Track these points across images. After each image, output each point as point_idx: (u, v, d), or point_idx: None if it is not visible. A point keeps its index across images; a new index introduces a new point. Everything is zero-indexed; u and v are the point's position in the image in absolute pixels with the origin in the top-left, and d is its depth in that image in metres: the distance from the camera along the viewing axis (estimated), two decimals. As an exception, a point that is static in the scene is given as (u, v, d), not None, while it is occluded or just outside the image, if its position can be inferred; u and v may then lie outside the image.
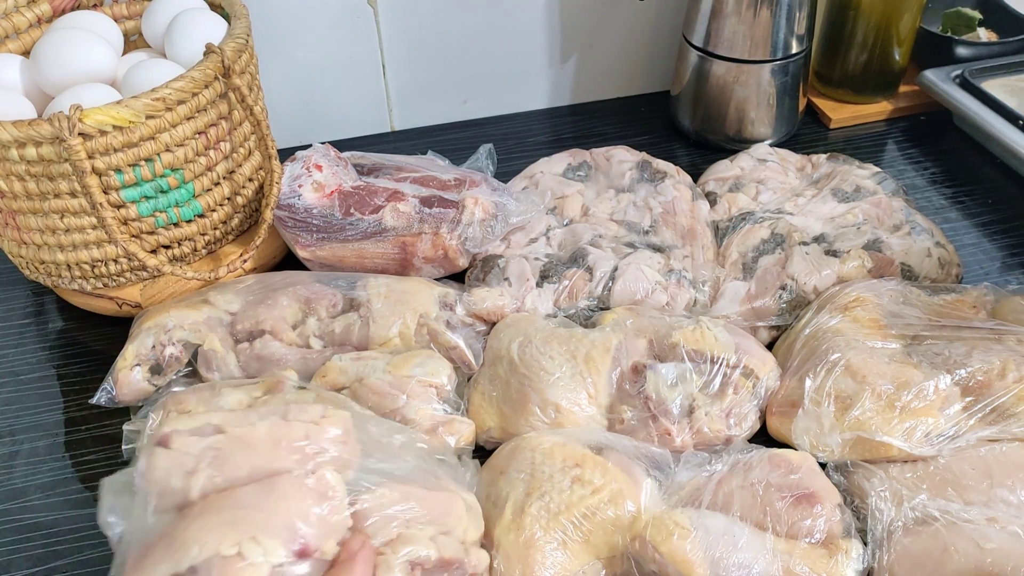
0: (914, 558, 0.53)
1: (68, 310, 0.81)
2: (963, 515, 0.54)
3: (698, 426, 0.62)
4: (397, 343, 0.69)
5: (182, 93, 0.67)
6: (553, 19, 1.00)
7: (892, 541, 0.54)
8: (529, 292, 0.73)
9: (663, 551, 0.52)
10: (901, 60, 0.99)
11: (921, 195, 0.90)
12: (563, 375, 0.64)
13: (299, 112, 0.99)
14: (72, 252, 0.72)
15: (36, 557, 0.61)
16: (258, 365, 0.68)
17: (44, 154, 0.65)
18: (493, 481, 0.59)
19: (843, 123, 1.02)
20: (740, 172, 0.87)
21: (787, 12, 0.88)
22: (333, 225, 0.75)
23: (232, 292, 0.73)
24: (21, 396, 0.73)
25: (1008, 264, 0.81)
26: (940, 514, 0.54)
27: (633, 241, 0.78)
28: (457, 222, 0.75)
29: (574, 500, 0.55)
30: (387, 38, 0.96)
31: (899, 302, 0.68)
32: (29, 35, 0.78)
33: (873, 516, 0.56)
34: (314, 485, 0.46)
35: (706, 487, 0.56)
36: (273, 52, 0.93)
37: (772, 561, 0.52)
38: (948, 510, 0.55)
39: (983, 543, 0.52)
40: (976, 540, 0.52)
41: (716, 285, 0.75)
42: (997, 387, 0.60)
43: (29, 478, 0.67)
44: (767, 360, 0.66)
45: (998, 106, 0.91)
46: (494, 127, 1.04)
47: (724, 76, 0.93)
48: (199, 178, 0.73)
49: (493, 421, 0.65)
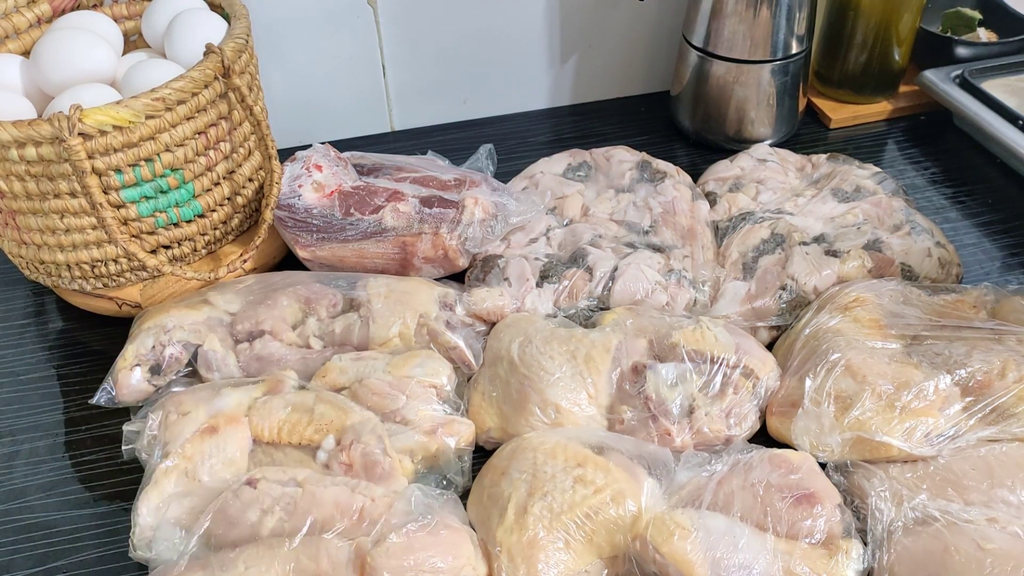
0: (914, 558, 0.53)
1: (68, 310, 0.81)
2: (963, 515, 0.54)
3: (698, 426, 0.62)
4: (397, 343, 0.69)
5: (182, 93, 0.67)
6: (553, 19, 1.00)
7: (892, 541, 0.54)
8: (529, 292, 0.73)
9: (664, 551, 0.52)
10: (901, 60, 0.99)
11: (921, 195, 0.90)
12: (563, 375, 0.64)
13: (299, 112, 0.99)
14: (72, 252, 0.72)
15: (36, 557, 0.61)
16: (258, 365, 0.68)
17: (44, 154, 0.65)
18: (495, 482, 0.59)
19: (843, 123, 1.02)
20: (740, 172, 0.87)
21: (787, 12, 0.88)
22: (333, 225, 0.75)
23: (232, 292, 0.73)
24: (21, 396, 0.73)
25: (1008, 264, 0.81)
26: (940, 514, 0.54)
27: (633, 241, 0.78)
28: (457, 222, 0.75)
29: (576, 500, 0.55)
30: (387, 38, 0.96)
31: (899, 302, 0.68)
32: (29, 35, 0.78)
33: (873, 516, 0.56)
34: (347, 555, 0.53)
35: (706, 487, 0.56)
36: (273, 52, 0.93)
37: (772, 561, 0.52)
38: (948, 510, 0.55)
39: (983, 543, 0.52)
40: (976, 540, 0.52)
41: (716, 285, 0.75)
42: (997, 387, 0.60)
43: (29, 478, 0.67)
44: (767, 360, 0.66)
45: (998, 106, 0.91)
46: (494, 127, 1.04)
47: (724, 76, 0.93)
48: (199, 178, 0.73)
49: (493, 421, 0.65)
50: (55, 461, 0.68)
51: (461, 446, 0.63)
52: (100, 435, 0.70)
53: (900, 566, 0.53)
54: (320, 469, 0.60)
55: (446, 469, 0.62)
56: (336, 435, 0.60)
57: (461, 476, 0.63)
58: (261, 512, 0.55)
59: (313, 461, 0.60)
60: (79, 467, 0.67)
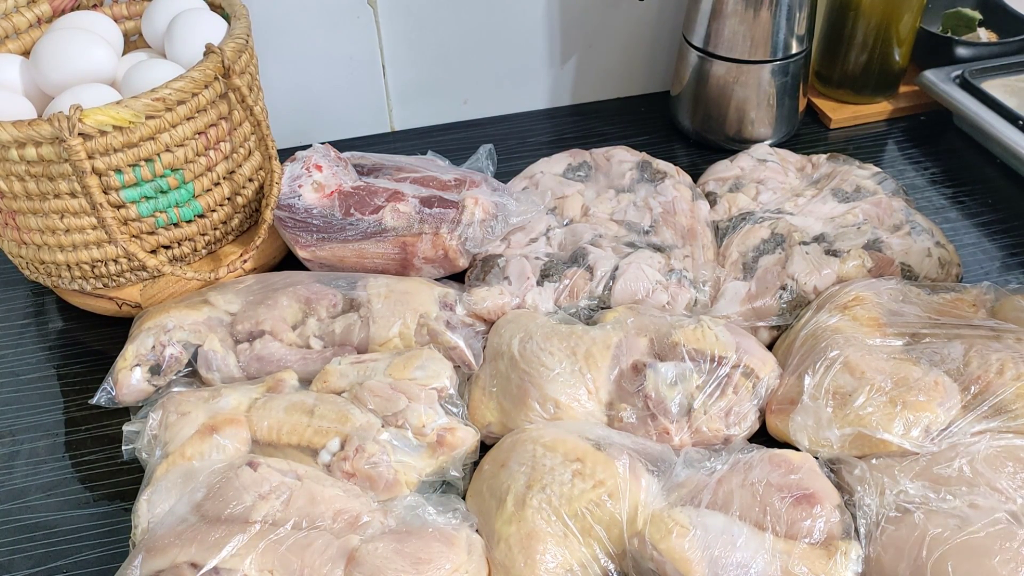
0: (897, 545, 0.53)
1: (68, 310, 0.81)
2: (944, 503, 0.54)
3: (696, 425, 0.62)
4: (397, 343, 0.69)
5: (182, 93, 0.67)
6: (553, 19, 1.00)
7: (879, 532, 0.54)
8: (529, 291, 0.73)
9: (661, 549, 0.52)
10: (901, 60, 0.99)
11: (921, 195, 0.90)
12: (563, 371, 0.64)
13: (299, 112, 0.99)
14: (72, 252, 0.72)
15: (36, 557, 0.61)
16: (258, 365, 0.69)
17: (44, 154, 0.65)
18: (494, 474, 0.59)
19: (843, 123, 1.02)
20: (740, 172, 0.87)
21: (787, 12, 0.88)
22: (333, 225, 0.75)
23: (232, 292, 0.73)
24: (21, 396, 0.73)
25: (1008, 264, 0.81)
26: (920, 502, 0.54)
27: (633, 241, 0.78)
28: (457, 222, 0.75)
29: (575, 494, 0.55)
30: (387, 38, 0.96)
31: (898, 301, 0.68)
32: (29, 35, 0.78)
33: (862, 511, 0.56)
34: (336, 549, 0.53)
35: (706, 486, 0.56)
36: (273, 52, 0.93)
37: (771, 561, 0.52)
38: (928, 497, 0.55)
39: (964, 526, 0.52)
40: (957, 525, 0.52)
41: (716, 285, 0.75)
42: (995, 384, 0.60)
43: (29, 478, 0.67)
44: (767, 360, 0.66)
45: (998, 106, 0.91)
46: (494, 127, 1.04)
47: (724, 76, 0.93)
48: (199, 178, 0.73)
49: (493, 416, 0.65)
50: (55, 461, 0.68)
51: (466, 451, 0.63)
52: (100, 435, 0.70)
53: (886, 554, 0.53)
54: (322, 470, 0.60)
55: (448, 473, 0.62)
56: (339, 438, 0.60)
57: (462, 479, 0.63)
58: (257, 497, 0.55)
59: (314, 462, 0.60)
60: (79, 467, 0.67)
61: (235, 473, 0.56)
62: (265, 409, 0.62)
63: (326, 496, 0.56)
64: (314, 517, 0.54)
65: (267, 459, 0.58)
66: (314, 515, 0.54)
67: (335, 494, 0.56)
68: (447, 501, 0.59)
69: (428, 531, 0.54)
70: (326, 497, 0.55)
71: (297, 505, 0.55)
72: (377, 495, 0.59)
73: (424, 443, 0.62)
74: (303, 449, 0.61)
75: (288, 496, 0.55)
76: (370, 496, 0.58)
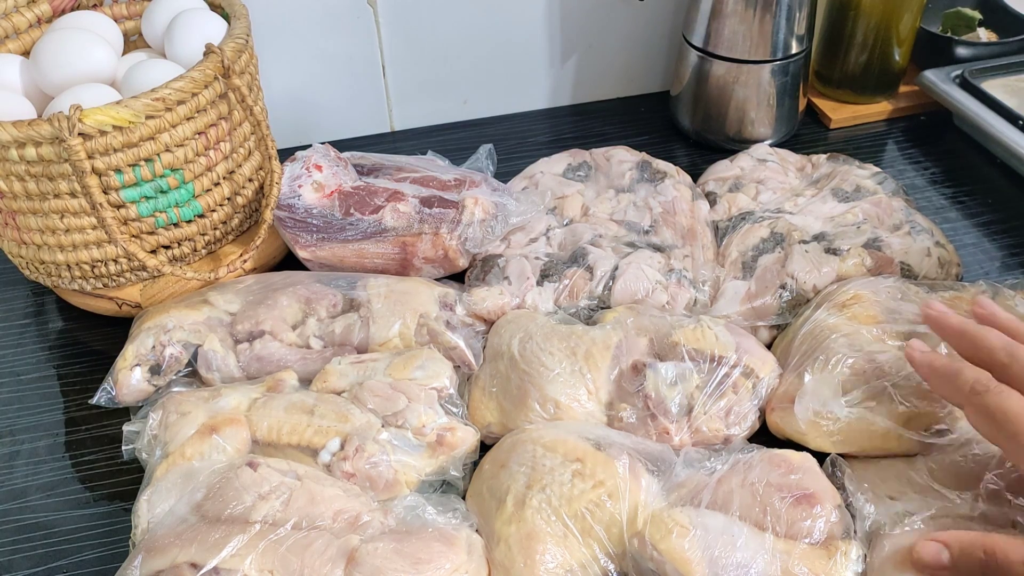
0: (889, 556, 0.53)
1: (68, 310, 0.81)
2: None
3: (696, 425, 0.62)
4: (397, 343, 0.69)
5: (182, 93, 0.67)
6: (553, 19, 1.00)
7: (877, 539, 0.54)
8: (529, 290, 0.73)
9: (661, 549, 0.52)
10: (901, 60, 0.99)
11: (921, 195, 0.90)
12: (563, 371, 0.64)
13: (299, 112, 0.99)
14: (72, 252, 0.72)
15: (36, 557, 0.61)
16: (258, 365, 0.69)
17: (44, 154, 0.65)
18: (494, 474, 0.59)
19: (843, 123, 1.01)
20: (740, 172, 0.87)
21: (787, 12, 0.88)
22: (333, 225, 0.75)
23: (232, 292, 0.73)
24: (21, 396, 0.73)
25: (1008, 264, 0.81)
26: (916, 509, 0.55)
27: (633, 241, 0.78)
28: (457, 222, 0.75)
29: (575, 494, 0.55)
30: (387, 38, 0.96)
31: (897, 298, 0.68)
32: (29, 35, 0.78)
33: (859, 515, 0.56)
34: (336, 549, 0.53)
35: (706, 486, 0.56)
36: (273, 52, 0.93)
37: (771, 561, 0.52)
38: (925, 506, 0.55)
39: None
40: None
41: (716, 285, 0.75)
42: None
43: (29, 478, 0.67)
44: (767, 359, 0.66)
45: (998, 106, 0.91)
46: (494, 127, 1.04)
47: (724, 76, 0.93)
48: (199, 178, 0.73)
49: (493, 416, 0.65)
50: (55, 461, 0.68)
51: (466, 452, 0.63)
52: (100, 435, 0.70)
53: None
54: (322, 469, 0.60)
55: (448, 473, 0.62)
56: (339, 438, 0.60)
57: (462, 479, 0.63)
58: (257, 497, 0.55)
59: (314, 462, 0.60)
60: (79, 467, 0.67)
61: (235, 473, 0.56)
62: (265, 409, 0.62)
63: (326, 496, 0.56)
64: (314, 517, 0.54)
65: (267, 459, 0.58)
66: (314, 515, 0.54)
67: (335, 494, 0.56)
68: (447, 501, 0.59)
69: (428, 531, 0.54)
70: (326, 497, 0.55)
71: (297, 505, 0.55)
72: (377, 495, 0.59)
73: (424, 443, 0.62)
74: (303, 449, 0.61)
75: (288, 496, 0.55)
76: (370, 496, 0.58)
